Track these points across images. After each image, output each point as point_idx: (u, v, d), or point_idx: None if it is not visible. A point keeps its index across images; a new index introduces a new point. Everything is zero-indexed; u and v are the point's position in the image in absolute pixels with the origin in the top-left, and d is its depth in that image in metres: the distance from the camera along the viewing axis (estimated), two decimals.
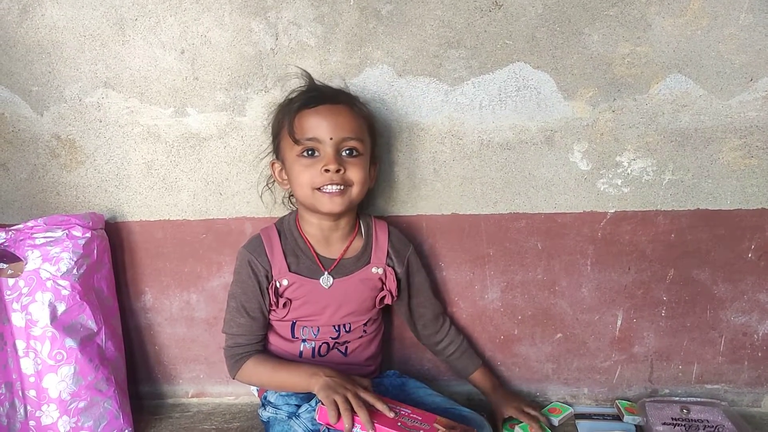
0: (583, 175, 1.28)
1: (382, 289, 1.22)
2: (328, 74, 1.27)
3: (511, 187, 1.30)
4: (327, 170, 1.09)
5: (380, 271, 1.21)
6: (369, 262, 1.21)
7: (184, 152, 1.33)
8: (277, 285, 1.17)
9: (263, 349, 1.21)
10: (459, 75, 1.26)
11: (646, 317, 1.34)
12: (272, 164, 1.23)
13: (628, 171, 1.27)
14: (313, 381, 1.04)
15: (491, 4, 1.22)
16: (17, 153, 1.37)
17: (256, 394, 1.25)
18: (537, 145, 1.28)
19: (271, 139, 1.23)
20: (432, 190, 1.31)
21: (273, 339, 1.23)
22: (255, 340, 1.19)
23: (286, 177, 1.18)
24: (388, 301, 1.22)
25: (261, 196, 1.31)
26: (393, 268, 1.22)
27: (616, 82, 1.24)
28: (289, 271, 1.17)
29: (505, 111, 1.27)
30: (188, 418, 1.39)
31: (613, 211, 1.29)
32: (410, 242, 1.28)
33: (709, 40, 1.20)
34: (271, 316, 1.22)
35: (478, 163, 1.29)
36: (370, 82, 1.27)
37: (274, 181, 1.24)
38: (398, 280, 1.23)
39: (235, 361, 1.18)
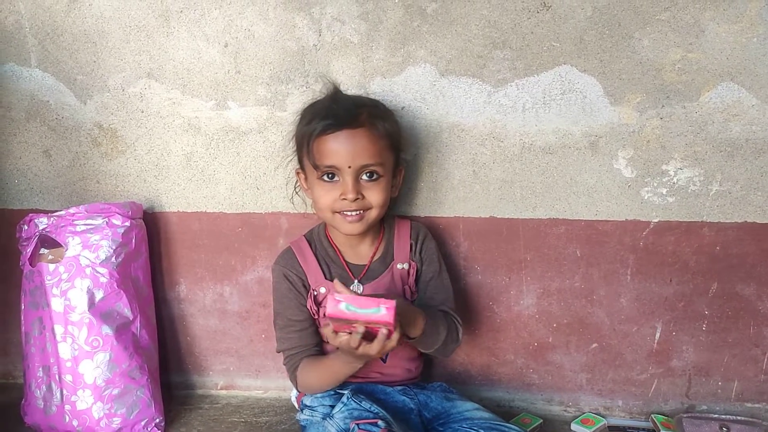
0: (627, 183, 1.25)
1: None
2: (369, 72, 1.26)
3: (551, 192, 1.28)
4: (345, 198, 1.09)
5: (406, 266, 1.20)
6: (393, 260, 1.20)
7: (224, 145, 1.34)
8: (315, 294, 1.17)
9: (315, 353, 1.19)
10: (503, 76, 1.24)
11: (686, 331, 1.31)
12: (297, 172, 1.22)
13: (674, 180, 1.24)
14: (354, 364, 1.05)
15: (539, 5, 1.20)
16: (60, 140, 1.38)
17: (295, 401, 1.24)
18: (580, 150, 1.25)
19: (294, 147, 1.22)
20: (470, 192, 1.30)
21: None
22: (311, 351, 1.18)
23: (309, 187, 1.18)
24: (407, 295, 1.20)
25: (291, 200, 1.31)
26: (416, 263, 1.21)
27: (665, 89, 1.20)
28: (325, 279, 1.17)
29: (549, 114, 1.24)
30: (217, 409, 1.39)
31: (656, 220, 1.26)
32: (433, 237, 1.25)
33: (765, 48, 1.16)
34: None
35: (519, 167, 1.27)
36: (412, 80, 1.26)
37: (300, 187, 1.24)
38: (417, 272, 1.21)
39: (292, 372, 1.17)
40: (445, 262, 1.26)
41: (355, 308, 0.92)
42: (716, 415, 1.28)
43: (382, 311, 0.91)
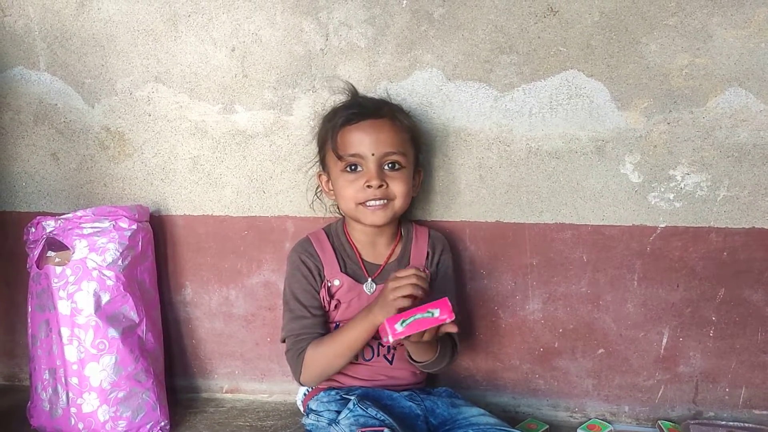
0: (634, 188, 1.25)
1: None
2: (376, 76, 1.27)
3: (557, 197, 1.27)
4: (369, 186, 1.10)
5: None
6: (409, 263, 1.20)
7: (230, 149, 1.34)
8: (329, 285, 1.17)
9: None
10: (509, 81, 1.24)
11: (693, 337, 1.30)
12: (319, 176, 1.24)
13: (681, 185, 1.24)
14: (372, 315, 1.03)
15: (546, 10, 1.20)
16: (68, 143, 1.39)
17: (301, 405, 1.24)
18: (587, 155, 1.25)
19: (317, 149, 1.24)
20: (477, 196, 1.30)
21: None
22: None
23: (332, 188, 1.19)
24: None
25: (311, 205, 1.31)
26: (431, 272, 1.21)
27: (672, 94, 1.20)
28: (341, 271, 1.17)
29: (556, 119, 1.24)
30: (222, 413, 1.39)
31: (663, 225, 1.26)
32: (450, 248, 1.26)
33: None
34: None
35: (525, 171, 1.27)
36: (419, 85, 1.26)
37: (322, 191, 1.25)
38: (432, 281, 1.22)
39: (297, 356, 1.13)
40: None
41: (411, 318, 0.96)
42: (724, 422, 1.28)
43: (436, 314, 0.95)
